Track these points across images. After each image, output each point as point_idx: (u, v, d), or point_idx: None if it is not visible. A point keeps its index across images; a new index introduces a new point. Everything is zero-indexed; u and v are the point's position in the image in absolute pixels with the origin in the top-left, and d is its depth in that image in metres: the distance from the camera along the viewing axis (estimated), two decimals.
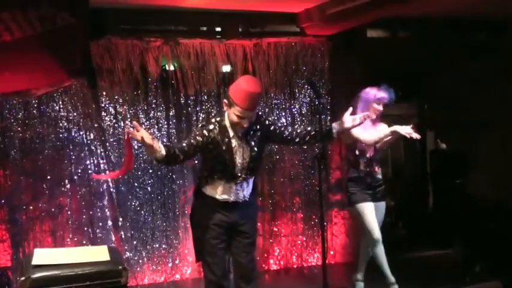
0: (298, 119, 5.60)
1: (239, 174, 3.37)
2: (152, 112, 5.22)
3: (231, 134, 3.32)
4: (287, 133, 3.48)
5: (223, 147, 3.30)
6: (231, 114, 3.27)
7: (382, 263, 4.45)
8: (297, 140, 3.48)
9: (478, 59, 5.78)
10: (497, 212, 5.58)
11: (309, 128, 3.49)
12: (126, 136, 3.27)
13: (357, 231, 4.57)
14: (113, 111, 5.11)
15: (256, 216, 3.72)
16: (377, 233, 4.39)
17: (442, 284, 4.78)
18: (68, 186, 5.00)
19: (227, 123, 3.33)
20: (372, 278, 4.60)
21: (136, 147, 5.16)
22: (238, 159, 3.34)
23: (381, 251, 4.43)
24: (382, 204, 4.55)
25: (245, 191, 3.46)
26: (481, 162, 6.03)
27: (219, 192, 3.41)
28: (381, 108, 4.40)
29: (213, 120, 3.38)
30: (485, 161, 6.00)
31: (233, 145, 3.32)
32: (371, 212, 4.41)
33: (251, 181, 3.49)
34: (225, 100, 3.31)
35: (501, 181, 5.78)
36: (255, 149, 3.39)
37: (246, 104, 3.20)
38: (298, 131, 3.48)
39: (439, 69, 5.75)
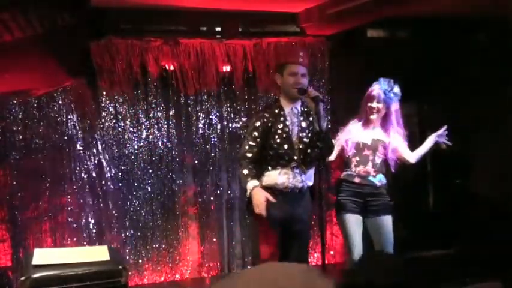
0: None
1: (295, 157, 3.40)
2: (152, 112, 5.22)
3: (287, 111, 3.44)
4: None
5: (280, 125, 3.39)
6: (285, 80, 3.44)
7: None
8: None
9: (478, 59, 5.77)
10: (497, 212, 5.58)
11: None
12: None
13: None
14: (113, 111, 5.11)
15: (310, 216, 3.68)
16: (356, 254, 3.85)
17: (442, 284, 4.77)
18: (68, 186, 5.00)
19: (281, 102, 3.47)
20: None
21: (136, 146, 5.17)
22: (293, 137, 3.42)
23: None
24: (384, 220, 4.02)
25: (303, 176, 3.45)
26: (481, 162, 6.02)
27: (278, 178, 3.40)
28: (374, 105, 3.91)
29: (264, 110, 3.50)
30: (485, 161, 5.99)
31: (288, 123, 3.42)
32: (354, 226, 3.92)
33: (310, 172, 3.48)
34: (276, 73, 3.50)
35: (501, 181, 5.78)
36: (306, 129, 3.47)
37: (293, 57, 3.50)
38: None
39: (439, 69, 5.74)
